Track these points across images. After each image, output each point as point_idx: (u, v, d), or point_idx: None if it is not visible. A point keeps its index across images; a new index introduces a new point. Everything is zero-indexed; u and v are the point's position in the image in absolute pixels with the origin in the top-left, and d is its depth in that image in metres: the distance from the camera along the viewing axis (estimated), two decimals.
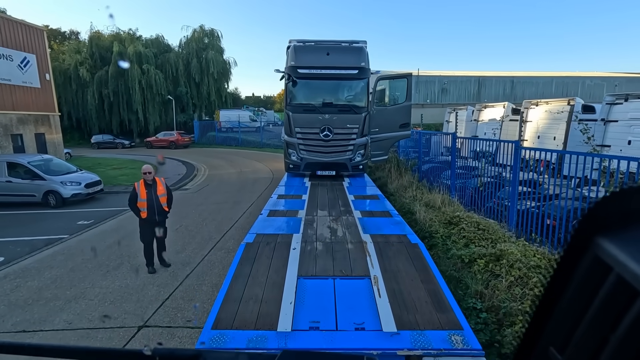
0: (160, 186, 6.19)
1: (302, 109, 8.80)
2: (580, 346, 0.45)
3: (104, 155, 24.96)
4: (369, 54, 8.75)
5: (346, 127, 8.75)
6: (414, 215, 7.67)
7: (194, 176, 15.74)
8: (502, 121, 15.01)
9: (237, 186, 12.97)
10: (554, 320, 0.51)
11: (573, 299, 0.48)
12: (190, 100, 35.11)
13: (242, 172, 16.28)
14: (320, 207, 6.34)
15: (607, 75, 52.43)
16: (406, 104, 8.92)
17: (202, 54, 34.26)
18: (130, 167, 18.98)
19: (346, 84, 8.90)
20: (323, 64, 8.47)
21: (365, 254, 4.20)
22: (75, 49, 33.46)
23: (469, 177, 9.02)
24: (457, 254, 5.35)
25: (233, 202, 10.28)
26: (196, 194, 11.73)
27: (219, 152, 25.58)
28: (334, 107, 8.79)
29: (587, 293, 0.45)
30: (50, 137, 15.81)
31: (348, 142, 8.89)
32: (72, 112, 33.58)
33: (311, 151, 8.98)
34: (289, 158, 9.16)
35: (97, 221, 8.85)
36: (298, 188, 8.02)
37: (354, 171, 9.15)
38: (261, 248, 4.38)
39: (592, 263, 0.45)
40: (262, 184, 13.14)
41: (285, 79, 8.78)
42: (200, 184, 13.98)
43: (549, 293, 0.51)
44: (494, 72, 51.69)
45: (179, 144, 29.62)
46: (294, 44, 8.80)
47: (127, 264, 6.15)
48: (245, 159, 21.51)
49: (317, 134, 8.75)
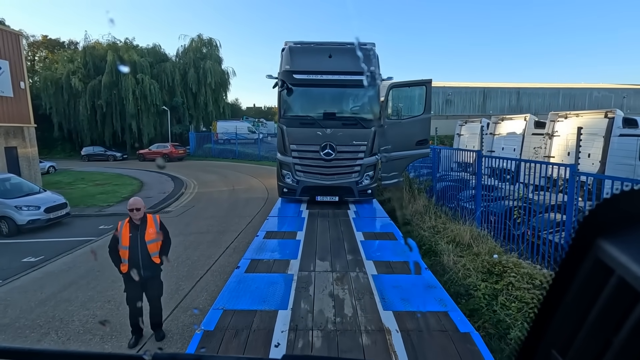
0: (151, 228, 4.40)
1: (298, 122, 7.28)
2: (583, 349, 0.45)
3: (91, 169, 23.48)
4: (379, 58, 7.28)
5: (352, 144, 7.22)
6: (440, 257, 6.06)
7: (181, 195, 14.18)
8: (523, 135, 13.49)
9: (226, 208, 11.38)
10: (556, 322, 0.50)
11: (575, 301, 0.47)
12: (186, 111, 33.84)
13: (234, 191, 14.71)
14: (319, 253, 4.74)
15: (614, 87, 51.27)
16: (424, 116, 7.39)
17: (200, 63, 33.12)
18: (114, 182, 17.48)
19: (352, 93, 7.40)
20: (324, 69, 6.99)
21: (391, 356, 2.63)
22: (68, 58, 32.37)
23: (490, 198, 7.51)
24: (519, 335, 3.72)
25: (217, 232, 8.67)
26: (177, 219, 10.15)
27: (214, 166, 24.08)
28: (337, 120, 7.28)
29: (589, 295, 0.45)
30: (23, 151, 14.34)
31: (354, 162, 7.35)
32: (63, 122, 32.31)
33: (309, 173, 7.43)
34: (282, 181, 7.61)
35: (47, 257, 7.24)
36: (292, 221, 6.44)
37: (361, 196, 7.59)
38: (224, 344, 2.78)
39: (593, 265, 0.45)
40: (254, 205, 11.56)
41: (278, 87, 7.30)
42: (185, 204, 12.40)
43: (551, 296, 0.51)
44: (499, 83, 50.50)
45: (173, 157, 28.15)
46: (290, 46, 7.35)
47: (54, 334, 4.50)
48: (240, 173, 19.98)
49: (317, 152, 7.23)
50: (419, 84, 7.40)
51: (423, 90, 7.29)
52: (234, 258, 6.76)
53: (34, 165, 14.90)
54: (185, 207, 11.82)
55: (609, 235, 0.43)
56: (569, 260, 0.48)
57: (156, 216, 4.68)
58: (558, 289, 0.50)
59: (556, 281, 0.50)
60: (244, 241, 7.77)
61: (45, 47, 42.10)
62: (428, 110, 7.36)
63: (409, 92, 7.70)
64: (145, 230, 4.33)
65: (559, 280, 0.50)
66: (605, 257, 0.43)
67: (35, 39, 42.86)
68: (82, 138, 32.58)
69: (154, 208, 11.47)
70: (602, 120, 10.42)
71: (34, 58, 42.81)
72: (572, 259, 0.48)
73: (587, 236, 0.46)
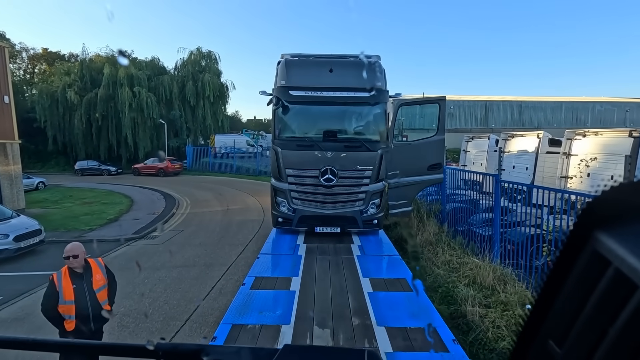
0: (98, 273, 3.84)
1: (295, 144, 6.44)
2: (579, 339, 0.46)
3: (83, 185, 22.63)
4: (385, 72, 6.49)
5: (356, 169, 6.37)
6: (461, 307, 5.12)
7: (171, 216, 13.26)
8: (536, 154, 12.66)
9: (217, 234, 10.46)
10: (553, 314, 0.51)
11: (572, 293, 0.48)
12: (184, 124, 33.16)
13: (229, 211, 13.80)
14: (318, 314, 3.81)
15: (617, 101, 50.93)
16: (437, 138, 6.55)
17: (199, 76, 32.62)
18: (103, 201, 16.59)
19: (356, 111, 6.58)
20: (324, 84, 6.19)
21: None
22: (64, 70, 31.87)
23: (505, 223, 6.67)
24: None
25: (204, 265, 7.73)
26: (162, 247, 9.22)
27: (210, 182, 23.22)
28: (339, 141, 6.44)
29: (586, 287, 0.46)
30: (5, 169, 13.51)
31: (358, 189, 6.48)
32: (57, 136, 31.62)
33: (308, 201, 6.56)
34: (277, 209, 6.72)
35: (5, 299, 6.30)
36: (287, 261, 5.51)
37: (366, 227, 6.68)
38: None
39: (590, 257, 0.45)
40: (248, 230, 10.64)
41: (273, 104, 6.49)
42: (174, 228, 11.48)
43: (548, 287, 0.52)
44: (501, 96, 50.22)
45: (169, 172, 27.31)
46: (286, 59, 6.57)
47: None
48: (237, 190, 19.10)
49: (316, 177, 6.37)
50: (431, 101, 6.59)
51: (436, 109, 6.47)
52: (218, 303, 5.82)
53: (16, 183, 14.06)
54: (173, 231, 10.89)
55: (607, 228, 0.44)
56: (567, 252, 0.49)
57: (99, 260, 4.04)
58: (556, 280, 0.51)
59: (554, 273, 0.51)
60: (232, 279, 6.84)
61: (45, 60, 41.86)
62: (442, 130, 6.52)
63: (419, 110, 6.89)
64: (92, 278, 3.75)
65: (556, 272, 0.51)
66: (602, 249, 0.43)
67: (35, 51, 42.72)
68: (77, 152, 31.82)
69: (139, 233, 10.54)
70: (626, 140, 9.59)
71: (33, 71, 42.55)
72: (570, 251, 0.49)
73: (584, 228, 0.46)
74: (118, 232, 10.75)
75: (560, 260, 0.50)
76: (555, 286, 0.50)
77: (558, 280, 0.50)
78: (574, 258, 0.47)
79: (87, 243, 9.80)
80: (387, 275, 5.00)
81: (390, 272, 5.19)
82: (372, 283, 4.62)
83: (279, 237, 6.76)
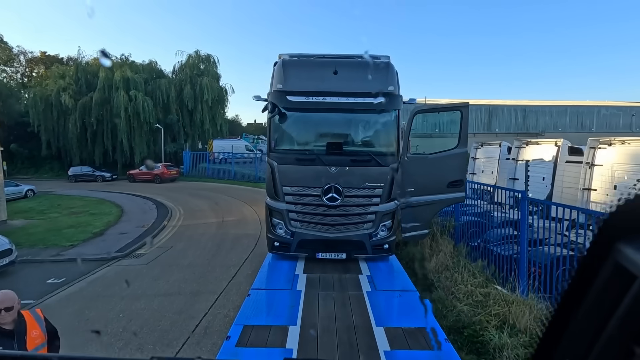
0: (34, 329, 2.95)
1: (293, 157, 5.55)
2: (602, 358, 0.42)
3: (74, 192, 21.74)
4: (398, 74, 5.61)
5: (364, 187, 5.47)
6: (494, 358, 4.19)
7: (162, 229, 12.35)
8: (554, 163, 11.76)
9: (209, 252, 9.54)
10: (572, 330, 0.47)
11: (593, 309, 0.45)
12: (182, 129, 32.33)
13: (224, 224, 12.89)
14: None
15: (623, 105, 50.14)
16: (459, 150, 5.65)
17: (197, 80, 31.83)
18: (92, 210, 15.70)
19: (364, 120, 5.70)
20: (327, 88, 5.31)
21: None
22: (59, 74, 31.11)
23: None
24: None
25: (190, 293, 6.81)
26: (147, 269, 8.30)
27: (207, 189, 22.33)
28: (345, 155, 5.55)
29: (608, 303, 0.42)
30: None
31: (367, 210, 5.59)
32: (52, 141, 30.86)
33: (308, 223, 5.66)
34: (273, 232, 5.82)
35: None
36: (283, 299, 4.60)
37: (376, 253, 5.77)
38: None
39: (613, 270, 0.42)
40: (243, 248, 9.73)
41: (268, 112, 5.61)
42: (163, 244, 10.57)
43: (566, 302, 0.48)
44: (505, 100, 49.41)
45: (165, 178, 26.42)
46: (283, 59, 5.70)
47: None
48: (234, 199, 18.19)
49: (318, 196, 5.47)
50: (452, 108, 5.70)
51: (457, 117, 5.58)
52: (202, 347, 4.88)
53: None
54: (161, 249, 9.97)
55: (631, 239, 0.40)
56: (587, 264, 0.46)
57: (38, 312, 3.13)
58: (574, 295, 0.47)
59: (572, 287, 0.47)
60: (220, 312, 5.92)
61: (43, 64, 41.18)
62: (464, 142, 5.63)
63: (438, 118, 6.00)
64: (26, 336, 2.87)
65: (575, 285, 0.47)
66: (626, 261, 0.40)
67: (33, 55, 42.09)
68: (72, 157, 31.01)
69: (124, 251, 9.62)
70: None
71: (31, 74, 41.86)
72: (591, 264, 0.45)
73: (606, 240, 0.43)
74: (101, 249, 9.84)
75: (579, 274, 0.47)
76: (573, 302, 0.47)
77: (577, 296, 0.46)
78: (595, 271, 0.44)
79: (63, 263, 8.99)
80: (405, 322, 4.06)
81: (408, 316, 4.26)
82: (388, 336, 3.69)
83: (274, 265, 5.85)
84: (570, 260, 5.42)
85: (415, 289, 4.97)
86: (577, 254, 5.24)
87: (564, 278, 5.38)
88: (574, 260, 5.34)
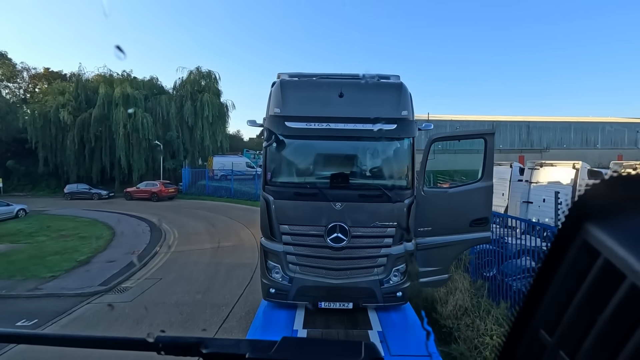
0: None
1: (292, 192, 4.82)
2: (569, 328, 0.47)
3: (68, 212, 21.01)
4: (412, 97, 4.95)
5: (374, 226, 4.72)
6: None
7: (153, 255, 11.56)
8: (573, 187, 11.01)
9: (201, 285, 8.72)
10: (544, 304, 0.51)
11: (563, 283, 0.49)
12: (181, 146, 31.84)
13: (220, 250, 12.09)
14: None
15: (627, 121, 49.71)
16: (483, 183, 4.91)
17: (198, 96, 31.55)
18: (82, 233, 14.94)
19: (373, 148, 5.00)
20: (332, 113, 4.63)
21: None
22: (59, 90, 30.89)
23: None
24: None
25: None
26: (129, 307, 7.49)
27: (205, 208, 21.60)
28: (352, 189, 4.82)
29: (576, 277, 0.46)
30: None
31: (377, 252, 4.82)
32: (49, 157, 30.37)
33: (309, 267, 4.89)
34: (268, 277, 5.04)
35: None
36: None
37: (388, 302, 4.97)
38: None
39: (581, 248, 0.46)
40: (238, 281, 8.92)
41: (264, 138, 4.92)
42: (152, 274, 9.75)
43: (540, 279, 0.52)
44: (509, 116, 49.02)
45: (162, 196, 25.76)
46: (282, 79, 5.06)
47: None
48: (232, 220, 17.45)
49: (321, 237, 4.72)
50: (475, 136, 5.00)
51: (482, 145, 4.86)
52: None
53: None
54: (149, 280, 9.16)
55: (597, 220, 0.44)
56: (558, 243, 0.49)
57: None
58: (547, 271, 0.50)
59: (545, 264, 0.51)
60: None
61: (46, 80, 41.21)
62: (489, 174, 4.89)
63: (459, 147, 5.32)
64: None
65: (548, 263, 0.50)
66: (592, 240, 0.44)
67: (37, 71, 42.19)
68: (69, 174, 30.47)
69: (108, 284, 8.80)
70: None
71: (34, 90, 41.84)
72: (561, 243, 0.49)
73: (575, 220, 0.47)
74: (83, 281, 9.04)
75: (551, 252, 0.50)
76: (546, 277, 0.51)
77: (549, 272, 0.50)
78: (565, 249, 0.48)
79: (39, 300, 8.17)
80: None
81: None
82: None
83: (270, 316, 5.04)
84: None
85: (437, 351, 4.16)
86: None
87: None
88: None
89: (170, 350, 0.76)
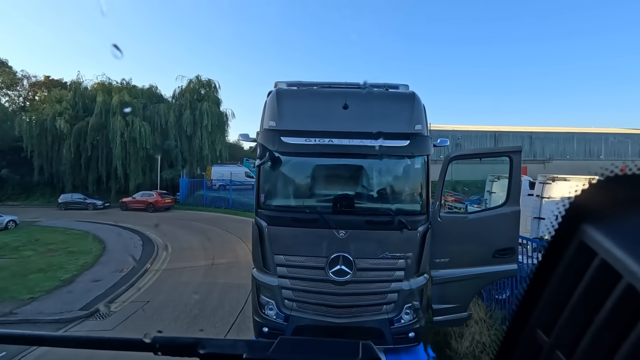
0: None
1: (289, 217, 4.19)
2: (566, 327, 0.46)
3: (60, 223, 20.33)
4: (426, 109, 4.35)
5: (383, 257, 4.08)
6: None
7: (143, 273, 10.86)
8: None
9: (190, 312, 8.01)
10: (541, 304, 0.50)
11: (560, 283, 0.48)
12: (180, 155, 31.29)
13: (213, 268, 11.39)
14: None
15: (631, 132, 49.30)
16: (509, 209, 4.26)
17: (197, 105, 31.11)
18: (71, 247, 14.27)
19: (382, 168, 4.39)
20: (334, 127, 4.02)
21: None
22: (56, 98, 30.50)
23: None
24: None
25: None
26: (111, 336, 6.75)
27: (202, 219, 20.91)
28: (358, 214, 4.19)
29: (573, 277, 0.46)
30: None
31: (387, 288, 4.17)
32: (44, 166, 29.84)
33: (308, 303, 4.23)
34: (260, 314, 4.38)
35: None
36: None
37: (399, 343, 4.29)
38: None
39: (577, 249, 0.46)
40: (231, 305, 8.23)
41: (257, 155, 4.31)
42: (139, 296, 9.05)
43: (537, 279, 0.51)
44: (511, 127, 48.66)
45: (159, 207, 25.10)
46: (278, 89, 4.47)
47: None
48: (229, 233, 16.75)
49: (322, 269, 4.08)
50: (499, 154, 4.38)
51: (507, 165, 4.24)
52: None
53: None
54: (135, 304, 8.45)
55: (593, 220, 0.44)
56: (555, 244, 0.48)
57: None
58: (544, 272, 0.50)
59: (542, 265, 0.50)
60: None
61: (46, 88, 40.92)
62: (515, 198, 4.25)
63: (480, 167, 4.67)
64: None
65: (545, 263, 0.50)
66: (589, 240, 0.44)
67: (37, 79, 41.93)
68: (64, 183, 29.88)
69: (89, 308, 8.09)
70: None
71: (34, 98, 41.53)
72: (558, 243, 0.48)
73: (572, 221, 0.46)
74: (63, 304, 8.34)
75: (548, 252, 0.50)
76: (543, 277, 0.50)
77: (546, 272, 0.50)
78: (562, 250, 0.47)
79: (14, 326, 7.47)
80: None
81: None
82: None
83: None
84: None
85: None
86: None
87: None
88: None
89: (167, 351, 0.77)
